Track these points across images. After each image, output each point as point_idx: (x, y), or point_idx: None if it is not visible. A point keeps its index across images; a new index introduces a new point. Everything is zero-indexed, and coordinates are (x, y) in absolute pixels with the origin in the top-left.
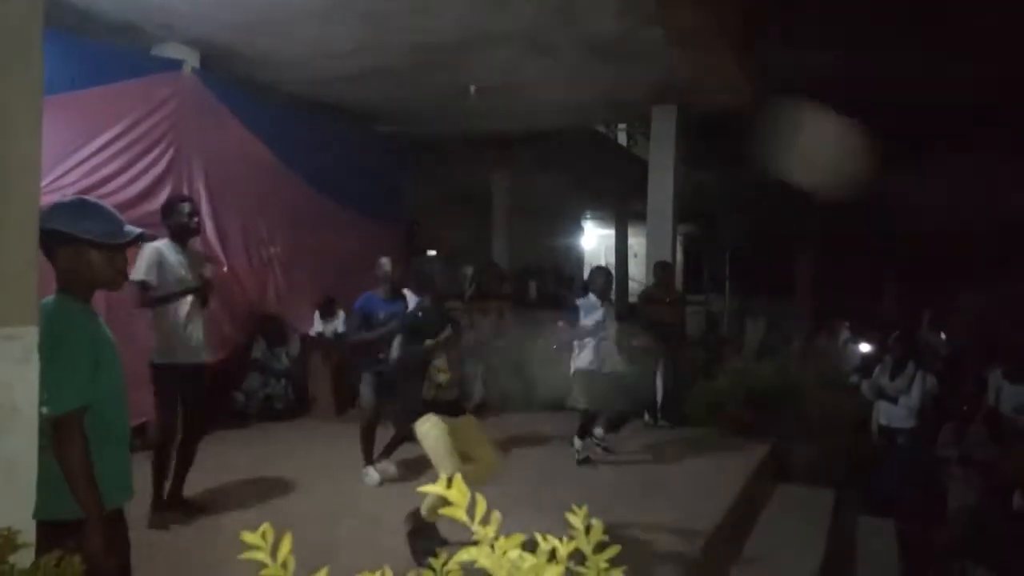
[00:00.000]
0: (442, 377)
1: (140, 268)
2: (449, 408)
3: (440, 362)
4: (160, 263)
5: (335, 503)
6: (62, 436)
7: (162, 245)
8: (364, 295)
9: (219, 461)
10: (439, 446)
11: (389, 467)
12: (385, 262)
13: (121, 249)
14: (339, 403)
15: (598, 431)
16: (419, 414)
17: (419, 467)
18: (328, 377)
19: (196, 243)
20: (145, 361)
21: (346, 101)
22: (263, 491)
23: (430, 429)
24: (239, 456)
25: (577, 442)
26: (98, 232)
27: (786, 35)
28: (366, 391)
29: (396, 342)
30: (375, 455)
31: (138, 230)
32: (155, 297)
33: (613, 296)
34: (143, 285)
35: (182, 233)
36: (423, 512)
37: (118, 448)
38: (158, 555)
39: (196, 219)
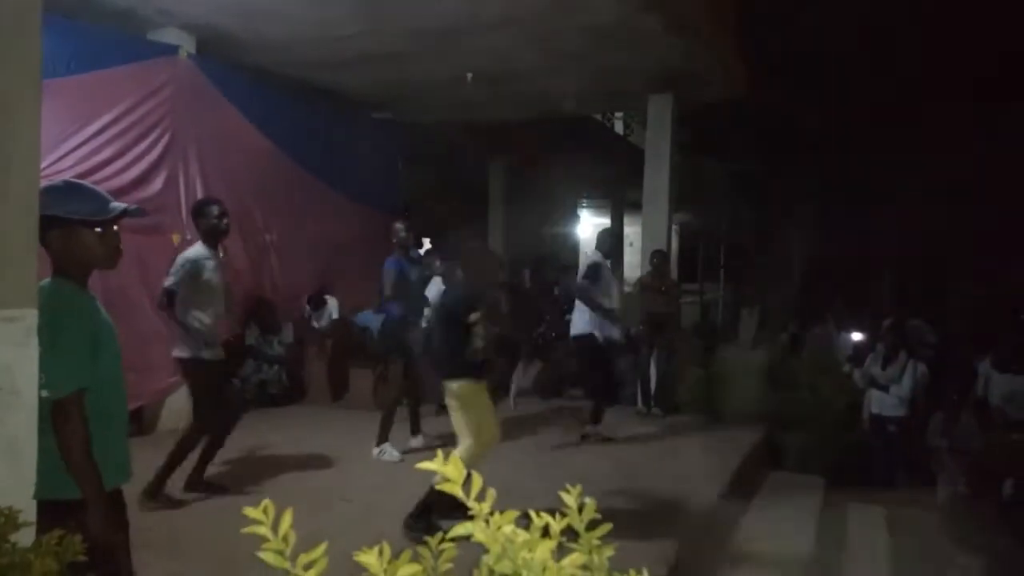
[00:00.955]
0: (480, 342)
1: (171, 276)
2: (480, 372)
3: (480, 328)
4: (192, 272)
5: (331, 487)
6: (62, 418)
7: (193, 253)
8: (392, 258)
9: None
10: (472, 417)
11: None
12: (400, 227)
13: (110, 226)
14: (334, 390)
15: (588, 428)
16: (458, 374)
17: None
18: (324, 364)
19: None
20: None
21: (342, 86)
22: (258, 475)
23: (471, 396)
24: (234, 441)
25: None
26: (85, 211)
27: (783, 23)
28: (395, 368)
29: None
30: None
31: (123, 205)
32: (171, 303)
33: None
34: (169, 292)
35: (213, 235)
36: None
37: (116, 430)
38: (156, 536)
39: (226, 220)
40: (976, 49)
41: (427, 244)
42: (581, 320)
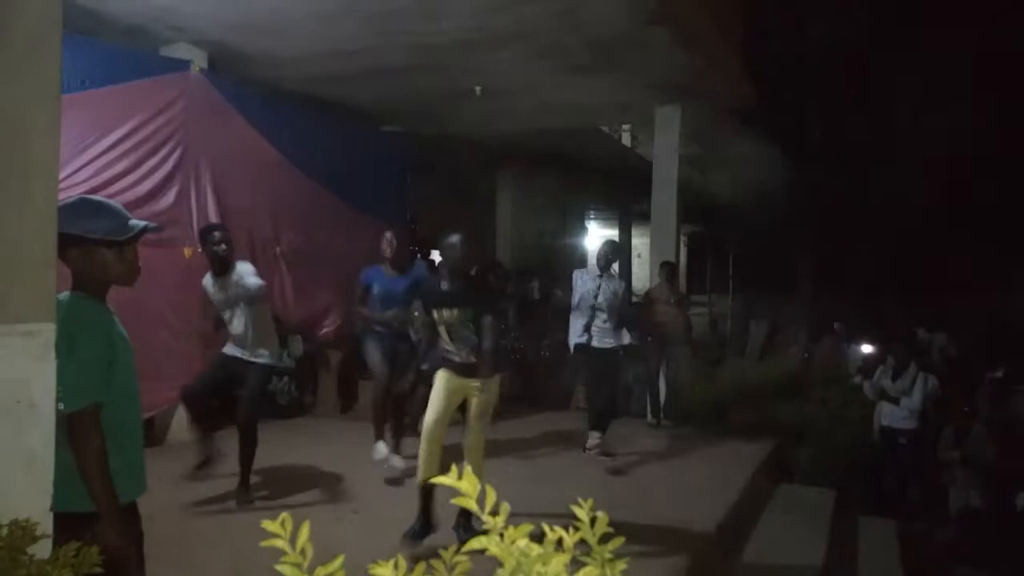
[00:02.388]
0: (448, 347)
1: None
2: (460, 369)
3: (443, 332)
4: (203, 299)
5: (340, 499)
6: (77, 432)
7: (204, 281)
8: (369, 268)
9: (224, 456)
10: (432, 396)
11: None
12: (390, 236)
13: (128, 244)
14: (344, 401)
15: (591, 442)
16: (436, 368)
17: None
18: (333, 375)
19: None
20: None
21: (351, 100)
22: (268, 487)
23: (436, 380)
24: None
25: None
26: (103, 230)
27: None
28: (375, 359)
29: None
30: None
31: (143, 223)
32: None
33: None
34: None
35: (213, 260)
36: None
37: (132, 443)
38: (170, 548)
39: (223, 246)
40: (984, 51)
41: (436, 256)
42: (575, 330)
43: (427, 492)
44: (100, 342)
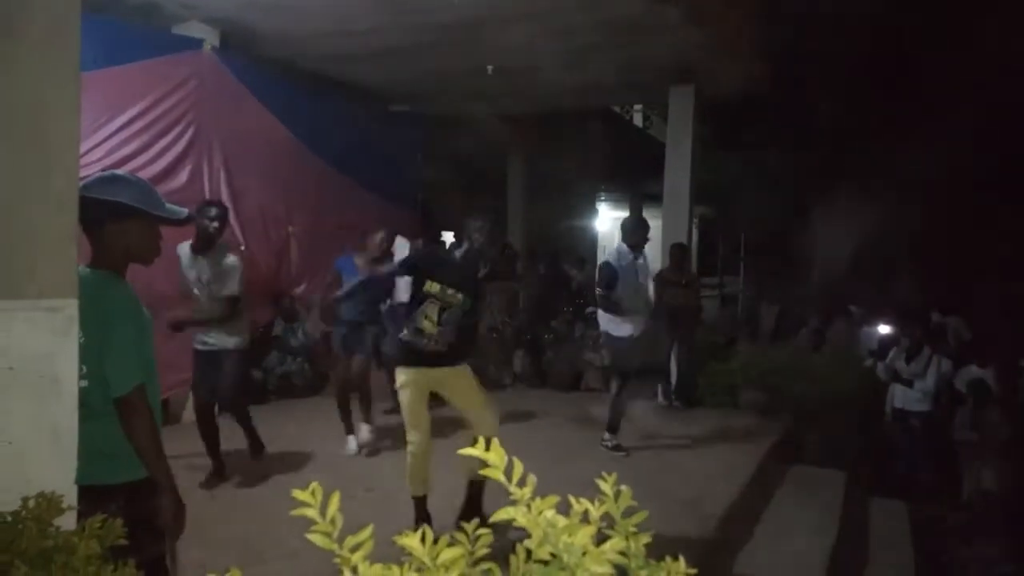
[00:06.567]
0: (426, 324)
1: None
2: (430, 358)
3: (430, 309)
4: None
5: (352, 477)
6: (129, 412)
7: (180, 250)
8: (344, 257)
9: (240, 435)
10: (408, 410)
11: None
12: (381, 237)
13: (165, 224)
14: None
15: (606, 435)
16: (398, 361)
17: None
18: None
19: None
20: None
21: (362, 80)
22: (281, 465)
23: (401, 387)
24: (260, 431)
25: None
26: (162, 208)
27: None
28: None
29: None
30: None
31: (186, 210)
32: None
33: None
34: None
35: (200, 235)
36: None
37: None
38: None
39: (216, 224)
40: (993, 40)
41: (447, 237)
42: (611, 320)
43: (421, 502)
44: (138, 322)
